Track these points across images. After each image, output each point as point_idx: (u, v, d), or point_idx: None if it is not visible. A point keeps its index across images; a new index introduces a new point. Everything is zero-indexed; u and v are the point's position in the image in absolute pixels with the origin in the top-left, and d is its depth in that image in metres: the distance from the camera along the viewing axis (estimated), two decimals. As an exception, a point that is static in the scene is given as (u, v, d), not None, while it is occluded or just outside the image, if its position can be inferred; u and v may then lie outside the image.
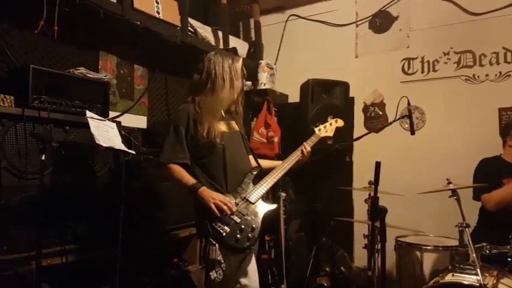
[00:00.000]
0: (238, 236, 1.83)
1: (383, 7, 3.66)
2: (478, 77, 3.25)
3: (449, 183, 2.14)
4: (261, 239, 3.32)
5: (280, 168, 2.06)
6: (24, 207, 1.85)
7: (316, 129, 2.30)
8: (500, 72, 3.18)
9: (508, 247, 2.03)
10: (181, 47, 2.94)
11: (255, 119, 3.72)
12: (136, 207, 2.37)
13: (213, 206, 1.83)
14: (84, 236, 2.13)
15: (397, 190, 2.70)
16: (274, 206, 2.02)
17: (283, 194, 3.23)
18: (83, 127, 2.12)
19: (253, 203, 1.94)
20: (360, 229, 3.01)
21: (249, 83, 3.92)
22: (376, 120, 3.65)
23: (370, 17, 3.73)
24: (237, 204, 1.91)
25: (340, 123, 2.40)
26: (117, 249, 2.05)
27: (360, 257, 3.58)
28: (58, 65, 2.48)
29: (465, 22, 3.31)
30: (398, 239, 2.65)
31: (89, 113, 2.04)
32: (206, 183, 1.94)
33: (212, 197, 1.86)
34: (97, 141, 1.91)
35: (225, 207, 1.84)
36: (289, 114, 3.78)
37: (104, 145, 1.92)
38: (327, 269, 3.45)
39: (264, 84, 3.86)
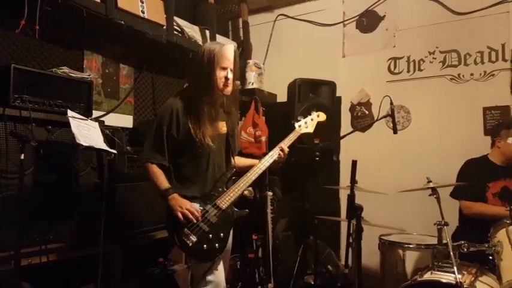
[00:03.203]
0: (204, 246, 1.84)
1: (370, 7, 3.68)
2: (463, 76, 3.28)
3: (429, 181, 2.16)
4: (248, 238, 3.34)
5: (255, 170, 2.01)
6: (5, 207, 1.85)
7: (296, 125, 2.20)
8: (485, 72, 3.21)
9: (486, 245, 2.06)
10: (167, 46, 2.94)
11: (243, 118, 3.74)
12: (120, 207, 2.38)
13: (179, 214, 1.83)
14: (67, 235, 2.13)
15: (383, 189, 2.72)
16: (245, 212, 2.01)
17: (270, 193, 3.24)
18: (65, 126, 2.11)
19: (223, 210, 1.91)
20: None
21: (237, 82, 3.93)
22: (362, 120, 3.67)
23: (357, 17, 3.75)
24: (206, 212, 1.89)
25: (322, 117, 2.28)
26: (99, 249, 2.05)
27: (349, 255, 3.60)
28: (42, 64, 2.48)
29: (450, 22, 3.33)
30: (382, 237, 2.67)
31: (70, 112, 2.04)
32: (177, 184, 1.94)
33: (180, 205, 1.84)
34: (77, 141, 1.91)
35: (191, 217, 1.83)
36: (278, 113, 3.80)
37: (84, 144, 1.93)
38: (314, 267, 3.47)
39: (252, 84, 3.88)
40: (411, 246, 2.47)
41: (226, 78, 1.94)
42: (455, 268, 1.85)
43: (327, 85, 3.58)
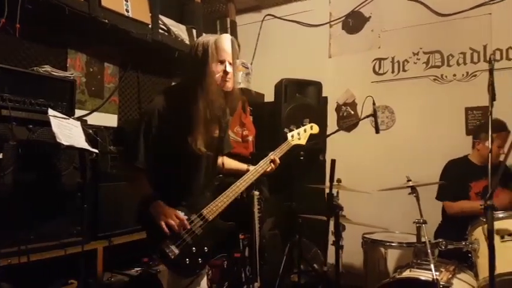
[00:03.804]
0: (187, 260, 1.67)
1: (355, 8, 3.72)
2: (446, 77, 3.33)
3: (408, 180, 2.19)
4: (235, 237, 3.35)
5: (245, 180, 1.86)
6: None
7: (289, 135, 2.11)
8: (467, 72, 3.26)
9: (463, 243, 2.09)
10: (152, 45, 2.93)
11: (231, 118, 3.74)
12: (103, 206, 2.37)
13: (163, 224, 1.63)
14: (48, 235, 2.11)
15: (368, 188, 2.75)
16: (231, 226, 1.88)
17: (256, 193, 3.25)
18: (46, 126, 2.09)
19: (209, 221, 1.74)
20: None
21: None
22: (348, 120, 3.70)
23: (343, 18, 3.79)
24: (191, 222, 1.71)
25: (316, 129, 2.22)
26: (81, 249, 2.05)
27: (333, 254, 3.63)
28: (24, 62, 2.45)
29: (434, 23, 3.39)
30: (365, 235, 2.70)
31: (51, 111, 2.03)
32: (161, 191, 1.75)
33: (164, 214, 1.66)
34: (58, 140, 1.90)
35: (176, 227, 1.65)
36: (265, 113, 3.82)
37: (65, 143, 1.92)
38: (301, 266, 3.49)
39: (239, 84, 3.88)
40: (393, 244, 2.51)
41: (226, 72, 1.72)
42: (432, 266, 1.88)
43: (313, 85, 3.60)
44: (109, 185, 2.42)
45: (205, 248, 1.74)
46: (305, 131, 2.16)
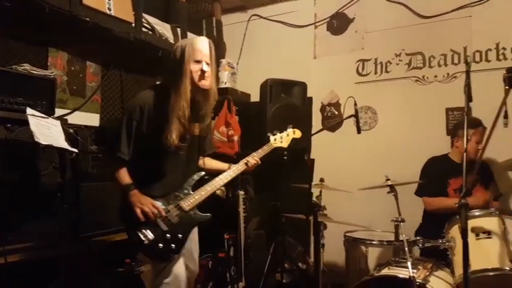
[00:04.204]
0: (160, 245, 1.81)
1: (340, 9, 3.75)
2: (427, 78, 3.38)
3: (387, 179, 2.22)
4: (220, 237, 3.35)
5: (225, 176, 2.01)
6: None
7: (271, 138, 2.23)
8: (448, 74, 3.32)
9: (440, 241, 2.13)
10: (135, 44, 2.91)
11: (216, 118, 3.75)
12: (84, 207, 2.35)
13: (138, 210, 1.79)
14: (27, 236, 2.09)
15: (351, 187, 2.78)
16: (208, 217, 1.98)
17: (241, 193, 3.26)
18: (26, 125, 2.07)
19: (186, 211, 1.89)
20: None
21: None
22: (332, 120, 3.74)
23: (328, 19, 3.82)
24: (168, 211, 1.86)
25: (298, 134, 2.34)
26: (62, 250, 2.03)
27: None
28: (3, 61, 2.42)
29: (416, 25, 3.43)
30: (347, 234, 2.73)
31: (29, 110, 2.01)
32: (141, 182, 1.89)
33: (140, 202, 1.81)
34: (36, 139, 1.88)
35: (151, 214, 1.80)
36: (251, 113, 3.82)
37: (44, 143, 1.90)
38: (286, 265, 3.51)
39: (225, 83, 3.89)
40: (374, 242, 2.55)
41: (202, 71, 1.85)
42: (409, 263, 1.92)
43: (298, 86, 3.62)
44: (90, 185, 2.40)
45: (180, 235, 1.87)
46: (288, 135, 2.28)
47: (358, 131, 2.58)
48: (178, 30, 3.50)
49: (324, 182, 2.83)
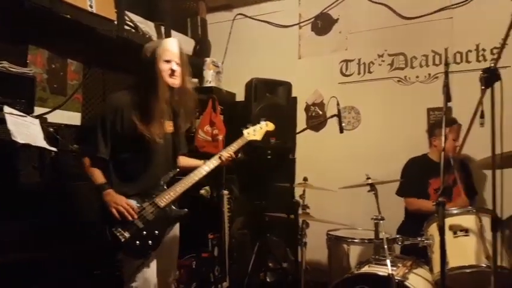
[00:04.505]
0: (137, 242, 1.85)
1: (324, 9, 3.77)
2: (409, 78, 3.43)
3: (368, 178, 2.25)
4: (204, 237, 3.34)
5: (199, 171, 2.03)
6: None
7: (244, 132, 2.27)
8: (429, 74, 3.37)
9: (419, 239, 2.17)
10: (118, 42, 2.89)
11: (200, 117, 3.73)
12: (64, 207, 2.32)
13: (114, 210, 1.82)
14: (5, 237, 2.05)
15: (334, 186, 2.79)
16: (184, 212, 2.02)
17: (226, 192, 3.26)
18: (3, 123, 2.04)
19: (161, 208, 1.92)
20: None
21: (195, 80, 3.93)
22: (316, 120, 3.76)
23: (312, 19, 3.83)
24: (143, 209, 1.89)
25: (271, 126, 2.36)
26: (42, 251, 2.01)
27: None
28: (-20, 59, 2.37)
29: (398, 26, 3.47)
30: (329, 232, 2.75)
31: (6, 109, 1.98)
32: (117, 181, 1.92)
33: (115, 201, 1.84)
34: (13, 138, 1.86)
35: (126, 213, 1.83)
36: (236, 112, 3.82)
37: (21, 141, 1.88)
38: (270, 264, 3.53)
39: (210, 82, 3.88)
40: (355, 240, 2.57)
41: (172, 70, 1.94)
42: (388, 261, 1.94)
43: (283, 85, 3.64)
44: (71, 185, 2.37)
45: (156, 231, 1.90)
46: (261, 128, 2.31)
47: (341, 131, 2.61)
48: (162, 28, 3.49)
49: (307, 181, 2.85)
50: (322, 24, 3.80)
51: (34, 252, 2.08)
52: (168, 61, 1.94)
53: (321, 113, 3.75)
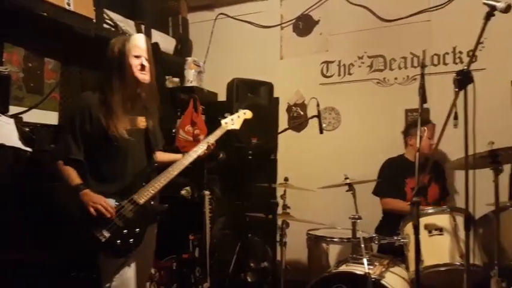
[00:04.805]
0: (118, 242, 1.82)
1: (305, 11, 3.80)
2: (388, 80, 3.49)
3: (346, 178, 2.28)
4: (185, 238, 3.32)
5: (177, 165, 2.00)
6: None
7: (222, 122, 2.24)
8: (408, 76, 3.44)
9: (395, 237, 2.21)
10: (96, 40, 2.84)
11: (182, 117, 3.71)
12: (41, 208, 2.27)
13: (92, 210, 1.79)
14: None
15: (314, 186, 2.81)
16: (164, 207, 2.01)
17: (207, 193, 3.25)
18: (-24, 123, 1.99)
19: (140, 205, 1.89)
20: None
21: (176, 79, 3.91)
22: (298, 120, 3.78)
23: (294, 20, 3.86)
24: (122, 207, 1.87)
25: (249, 114, 2.33)
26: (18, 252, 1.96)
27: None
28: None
29: (378, 28, 3.52)
30: (309, 232, 2.78)
31: (-21, 108, 1.93)
32: (93, 181, 1.89)
33: (92, 201, 1.80)
34: (-15, 138, 1.81)
35: (104, 212, 1.80)
36: (218, 112, 3.78)
37: (-6, 141, 1.83)
38: (251, 265, 3.53)
39: (191, 82, 3.85)
40: (334, 240, 2.60)
41: (142, 66, 1.93)
42: (364, 260, 1.98)
43: (265, 86, 3.65)
44: (48, 185, 2.32)
45: (137, 229, 1.88)
46: (239, 116, 2.29)
47: (321, 131, 2.63)
48: (143, 27, 3.45)
49: (288, 181, 2.87)
50: (304, 25, 3.83)
51: (9, 253, 2.03)
52: (137, 56, 1.93)
53: (302, 113, 3.78)
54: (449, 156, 3.07)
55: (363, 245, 2.06)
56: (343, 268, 2.15)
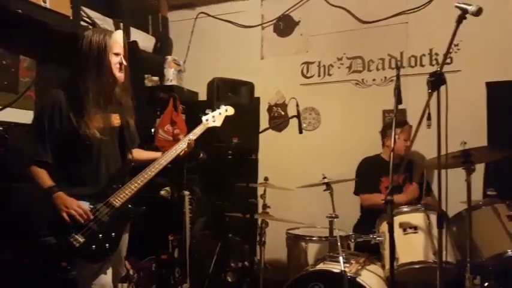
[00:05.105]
0: (93, 247, 1.75)
1: (286, 11, 3.83)
2: (366, 81, 3.55)
3: (324, 177, 2.31)
4: (164, 239, 3.30)
5: (155, 165, 1.92)
6: None
7: (203, 119, 2.15)
8: (385, 77, 3.50)
9: (371, 236, 2.26)
10: (74, 38, 2.79)
11: (161, 116, 3.68)
12: (14, 209, 2.23)
13: (65, 215, 1.70)
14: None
15: (294, 185, 2.84)
16: (141, 210, 1.92)
17: (187, 193, 3.23)
18: None
19: (116, 208, 1.82)
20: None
21: (155, 78, 3.87)
22: (279, 120, 3.81)
23: (275, 21, 3.88)
24: (97, 210, 1.78)
25: (231, 111, 2.24)
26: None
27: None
28: None
29: (357, 30, 3.58)
30: (289, 231, 2.80)
31: (-52, 107, 1.86)
32: (65, 184, 1.79)
33: (65, 205, 1.71)
34: (-45, 137, 1.76)
35: (78, 217, 1.72)
36: (199, 111, 3.76)
37: (-36, 141, 1.77)
38: (232, 264, 3.53)
39: (171, 81, 3.83)
40: (313, 238, 2.63)
41: (121, 64, 1.86)
42: (341, 258, 2.01)
43: (246, 85, 3.66)
44: (22, 186, 2.27)
45: (113, 233, 1.81)
46: (220, 113, 2.19)
47: (300, 131, 2.66)
48: (121, 25, 3.41)
49: (268, 181, 2.89)
50: (284, 26, 3.85)
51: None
52: (117, 54, 1.85)
53: (283, 113, 3.81)
54: (424, 156, 3.14)
55: (339, 244, 2.09)
56: (320, 266, 2.18)
